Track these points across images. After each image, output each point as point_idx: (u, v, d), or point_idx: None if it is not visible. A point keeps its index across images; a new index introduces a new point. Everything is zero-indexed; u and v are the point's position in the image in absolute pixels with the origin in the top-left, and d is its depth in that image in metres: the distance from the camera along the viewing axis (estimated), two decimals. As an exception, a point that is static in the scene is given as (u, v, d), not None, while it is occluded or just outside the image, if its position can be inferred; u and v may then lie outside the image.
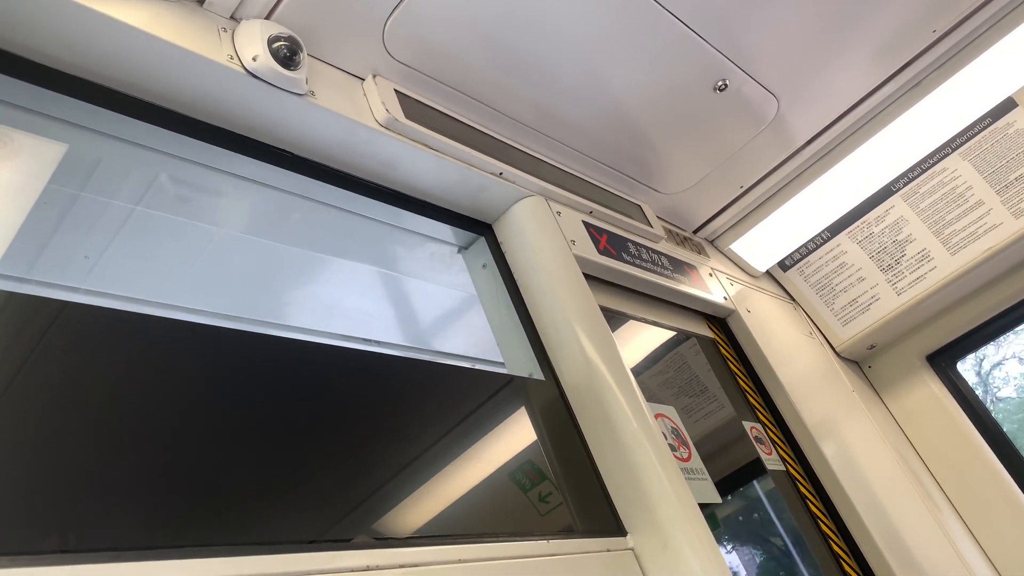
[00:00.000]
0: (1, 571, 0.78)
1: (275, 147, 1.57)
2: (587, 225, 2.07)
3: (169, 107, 1.40)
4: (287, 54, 1.43)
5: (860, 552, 2.11)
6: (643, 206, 2.37)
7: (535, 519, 1.61)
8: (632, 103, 2.08)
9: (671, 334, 2.37)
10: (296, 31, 1.48)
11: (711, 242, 2.83)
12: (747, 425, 2.23)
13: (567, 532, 1.54)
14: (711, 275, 2.55)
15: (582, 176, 2.19)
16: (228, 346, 1.32)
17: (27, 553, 0.84)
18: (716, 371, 2.38)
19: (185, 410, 1.16)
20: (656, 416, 1.77)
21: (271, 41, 1.42)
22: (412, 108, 1.70)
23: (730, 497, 2.18)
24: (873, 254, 2.75)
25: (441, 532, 1.44)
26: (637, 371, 1.90)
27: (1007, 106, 2.54)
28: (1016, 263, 2.61)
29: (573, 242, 1.95)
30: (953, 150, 2.62)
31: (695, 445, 1.86)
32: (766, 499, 2.25)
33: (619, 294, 2.14)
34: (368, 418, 1.44)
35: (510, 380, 1.76)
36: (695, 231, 2.77)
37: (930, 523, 2.38)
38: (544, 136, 2.05)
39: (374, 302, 2.10)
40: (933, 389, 2.77)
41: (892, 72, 2.35)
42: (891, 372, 2.87)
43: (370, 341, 2.00)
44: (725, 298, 2.50)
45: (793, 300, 2.91)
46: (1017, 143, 2.52)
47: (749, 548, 2.44)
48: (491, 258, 1.94)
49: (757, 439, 2.21)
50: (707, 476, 1.80)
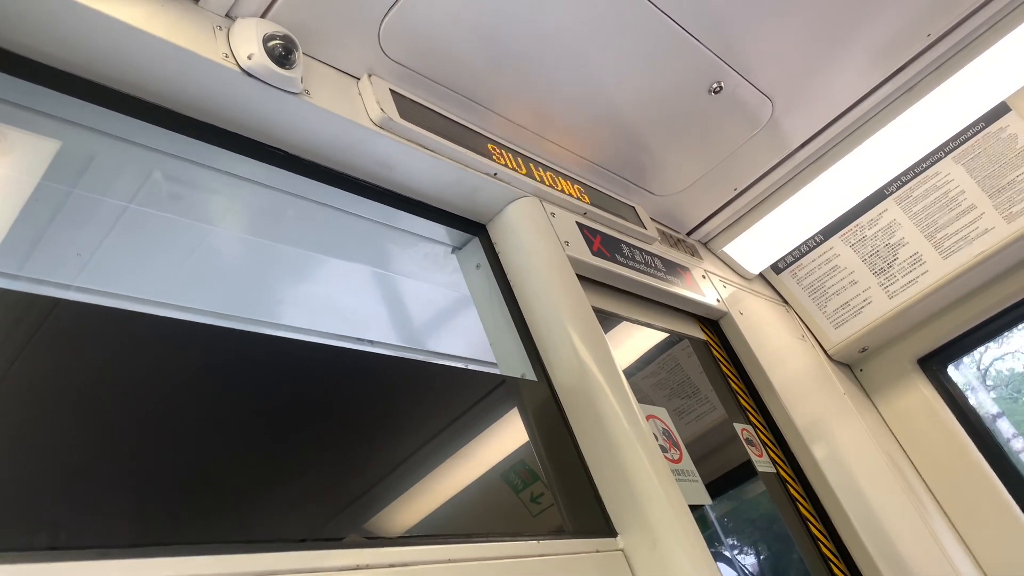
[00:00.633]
0: (-9, 569, 0.79)
1: (269, 145, 1.57)
2: (581, 226, 2.07)
3: (163, 105, 1.40)
4: (282, 53, 1.43)
5: (849, 554, 2.12)
6: (637, 208, 2.37)
7: (526, 520, 1.62)
8: (627, 104, 2.09)
9: (664, 336, 2.37)
10: (291, 30, 1.48)
11: (704, 244, 2.84)
12: (738, 427, 2.24)
13: (557, 533, 1.54)
14: (704, 277, 2.56)
15: (576, 177, 2.20)
16: (220, 344, 1.32)
17: (16, 550, 0.84)
18: (708, 373, 2.38)
19: (176, 408, 1.16)
20: (648, 418, 1.77)
21: (266, 39, 1.42)
22: (407, 108, 1.70)
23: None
24: (866, 257, 2.76)
25: (432, 532, 1.44)
26: (629, 372, 1.90)
27: (1000, 111, 2.55)
28: (1008, 267, 2.62)
29: (567, 243, 1.95)
30: (946, 154, 2.63)
31: (686, 447, 1.86)
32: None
33: (612, 295, 2.14)
34: (360, 417, 1.44)
35: (502, 381, 1.76)
36: (689, 233, 2.78)
37: (919, 526, 2.39)
38: (539, 137, 2.05)
39: (367, 301, 2.10)
40: (924, 392, 2.79)
41: (886, 76, 2.36)
42: (882, 375, 2.88)
43: (363, 340, 2.00)
44: (718, 300, 2.51)
45: (786, 303, 2.92)
46: (1010, 147, 2.54)
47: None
48: (485, 258, 1.94)
49: (748, 441, 2.22)
50: (698, 478, 1.81)
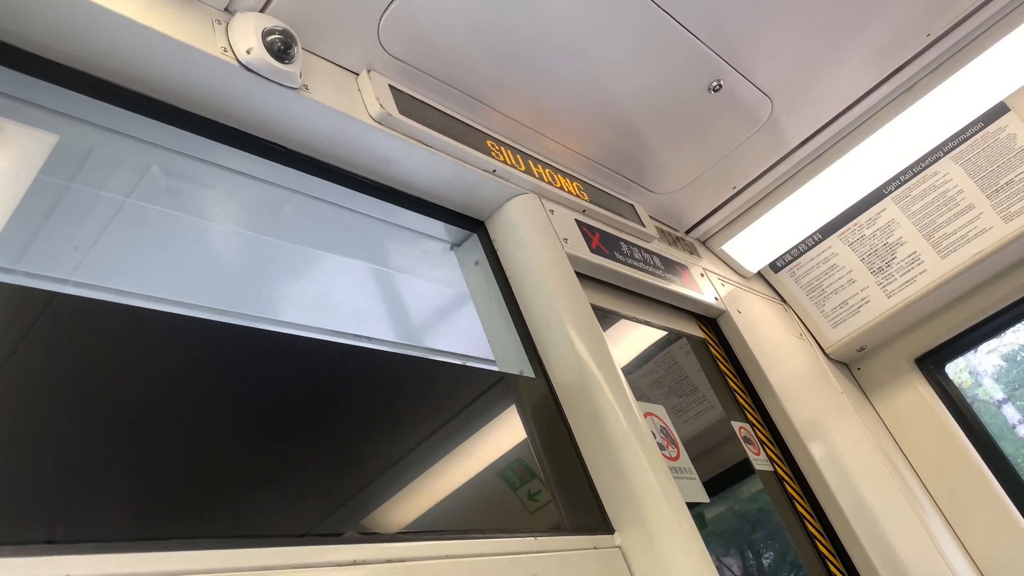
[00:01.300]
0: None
1: (268, 141, 1.56)
2: (579, 223, 2.07)
3: (162, 99, 1.40)
4: (281, 47, 1.43)
5: (846, 552, 2.12)
6: (636, 205, 2.37)
7: (524, 517, 1.62)
8: (626, 102, 2.08)
9: (662, 334, 2.37)
10: (291, 24, 1.48)
11: (703, 242, 2.84)
12: (736, 425, 2.24)
13: (555, 529, 1.54)
14: (702, 275, 2.56)
15: (575, 174, 2.20)
16: (217, 339, 1.32)
17: (13, 544, 0.83)
18: (706, 371, 2.38)
19: (174, 403, 1.16)
20: (645, 415, 1.77)
21: (265, 34, 1.42)
22: (406, 104, 1.69)
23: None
24: (864, 256, 2.76)
25: (430, 528, 1.44)
26: (627, 370, 1.90)
27: (999, 111, 2.56)
28: (1006, 267, 2.63)
29: (565, 240, 1.95)
30: (945, 154, 2.64)
31: (684, 444, 1.86)
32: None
33: (611, 293, 2.14)
34: (358, 413, 1.44)
35: (501, 377, 1.76)
36: (687, 231, 2.77)
37: (916, 524, 2.39)
38: (538, 133, 2.05)
39: (366, 298, 2.09)
40: (921, 392, 2.79)
41: (886, 75, 2.36)
42: (880, 374, 2.89)
43: (361, 337, 2.00)
44: (716, 298, 2.51)
45: (784, 301, 2.92)
46: (1008, 147, 2.54)
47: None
48: (483, 255, 1.94)
49: (746, 439, 2.22)
50: (695, 475, 1.81)
